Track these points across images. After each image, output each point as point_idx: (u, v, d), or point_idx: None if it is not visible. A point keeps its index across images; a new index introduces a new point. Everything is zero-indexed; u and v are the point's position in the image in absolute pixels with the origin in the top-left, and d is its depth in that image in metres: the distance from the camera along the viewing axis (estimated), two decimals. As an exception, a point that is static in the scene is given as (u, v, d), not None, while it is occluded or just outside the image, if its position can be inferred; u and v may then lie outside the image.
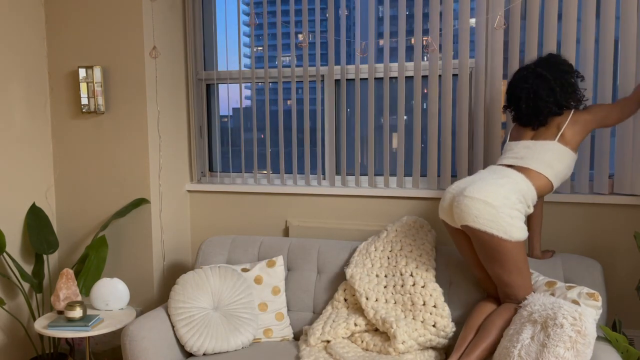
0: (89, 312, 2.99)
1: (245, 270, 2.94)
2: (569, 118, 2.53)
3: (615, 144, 2.92)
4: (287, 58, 3.36)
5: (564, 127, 2.52)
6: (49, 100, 3.48)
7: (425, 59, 3.12)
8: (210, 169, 3.65)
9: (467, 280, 2.78)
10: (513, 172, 2.48)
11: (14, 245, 3.29)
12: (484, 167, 3.07)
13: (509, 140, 2.67)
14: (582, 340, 2.06)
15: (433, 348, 2.66)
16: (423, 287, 2.73)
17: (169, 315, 2.79)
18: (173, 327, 2.75)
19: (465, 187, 2.43)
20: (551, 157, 2.50)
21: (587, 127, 2.55)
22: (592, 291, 2.42)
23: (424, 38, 3.06)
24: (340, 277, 2.94)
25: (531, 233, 2.76)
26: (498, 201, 2.34)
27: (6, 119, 3.23)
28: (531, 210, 2.47)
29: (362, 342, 2.71)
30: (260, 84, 3.46)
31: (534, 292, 2.49)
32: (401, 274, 2.77)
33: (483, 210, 2.34)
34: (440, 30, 3.04)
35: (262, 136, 3.46)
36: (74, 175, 3.47)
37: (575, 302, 2.35)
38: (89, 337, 2.93)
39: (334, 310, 2.86)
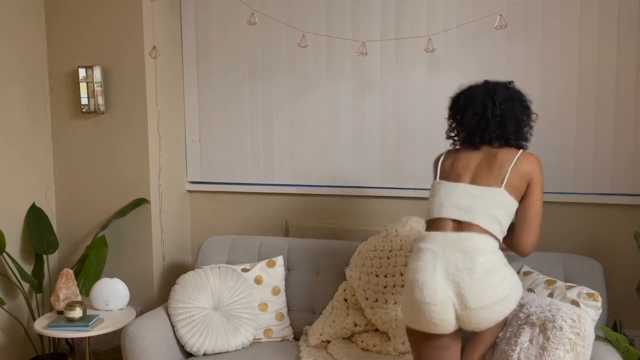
0: (89, 312, 2.99)
1: (245, 270, 2.94)
2: (516, 158, 2.18)
3: (616, 144, 2.92)
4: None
5: (509, 169, 2.15)
6: (49, 100, 3.47)
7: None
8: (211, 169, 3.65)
9: (467, 280, 2.77)
10: (481, 241, 2.09)
11: (14, 245, 3.29)
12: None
13: (440, 178, 2.28)
14: (581, 342, 2.05)
15: (433, 348, 2.66)
16: (423, 287, 2.72)
17: (169, 315, 2.79)
18: (173, 327, 2.75)
19: (460, 294, 2.02)
20: (502, 210, 2.15)
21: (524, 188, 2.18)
22: (592, 291, 2.42)
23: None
24: (340, 277, 2.93)
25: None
26: (504, 291, 2.06)
27: (6, 119, 3.23)
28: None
29: (362, 342, 2.71)
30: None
31: (533, 292, 2.48)
32: (401, 274, 2.77)
33: (501, 307, 2.07)
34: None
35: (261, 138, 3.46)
36: (74, 175, 3.47)
37: (575, 302, 2.35)
38: (88, 337, 2.93)
39: (334, 310, 2.86)
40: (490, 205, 2.12)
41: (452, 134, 2.40)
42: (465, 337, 2.20)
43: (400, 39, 3.14)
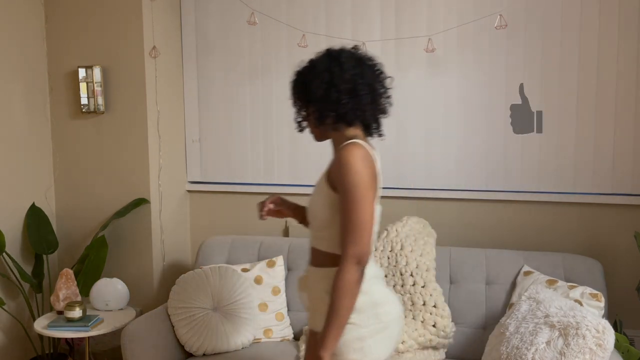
0: (89, 312, 2.99)
1: (245, 270, 2.94)
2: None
3: (616, 144, 2.92)
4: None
5: None
6: (49, 100, 3.47)
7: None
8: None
9: (467, 280, 2.77)
10: None
11: (13, 245, 3.29)
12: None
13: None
14: (601, 353, 2.00)
15: (433, 348, 2.66)
16: (423, 287, 2.73)
17: (168, 316, 2.79)
18: (173, 327, 2.74)
19: None
20: None
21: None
22: (595, 292, 2.42)
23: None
24: (340, 277, 2.93)
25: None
26: None
27: (6, 119, 3.22)
28: None
29: (362, 342, 2.70)
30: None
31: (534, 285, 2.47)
32: (401, 274, 2.77)
33: None
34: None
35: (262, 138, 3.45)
36: (74, 175, 3.47)
37: (578, 301, 2.35)
38: (88, 337, 2.93)
39: (334, 310, 2.85)
40: None
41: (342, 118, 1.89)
42: None
43: (400, 39, 3.14)
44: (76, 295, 3.04)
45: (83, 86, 3.31)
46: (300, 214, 2.08)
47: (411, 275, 2.75)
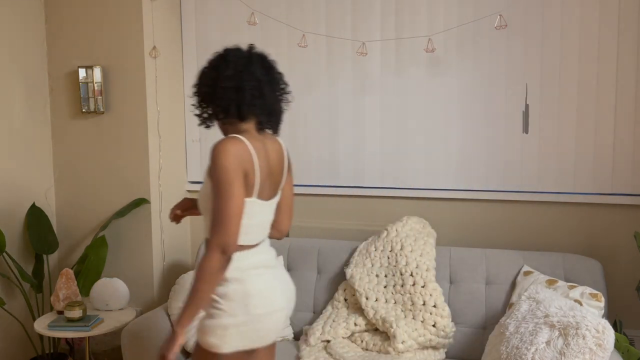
0: (89, 312, 2.99)
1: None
2: (285, 148, 2.05)
3: (616, 144, 2.92)
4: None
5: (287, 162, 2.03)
6: (49, 100, 3.47)
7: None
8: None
9: (467, 280, 2.78)
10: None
11: (14, 245, 3.29)
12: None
13: (258, 196, 1.88)
14: (601, 354, 2.00)
15: (433, 348, 2.66)
16: (423, 287, 2.73)
17: (168, 315, 2.79)
18: (173, 327, 2.74)
19: (291, 302, 2.02)
20: None
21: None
22: (595, 292, 2.42)
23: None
24: (340, 277, 2.93)
25: None
26: None
27: (6, 119, 3.22)
28: None
29: (362, 341, 2.71)
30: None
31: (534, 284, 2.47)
32: (401, 274, 2.77)
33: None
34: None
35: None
36: (74, 175, 3.47)
37: (578, 301, 2.35)
38: (88, 337, 2.93)
39: (334, 310, 2.86)
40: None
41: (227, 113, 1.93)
42: None
43: (400, 39, 3.14)
44: (76, 295, 3.05)
45: (83, 86, 3.31)
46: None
47: (411, 275, 2.75)
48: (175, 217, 2.14)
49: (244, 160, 1.81)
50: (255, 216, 1.89)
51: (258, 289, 1.88)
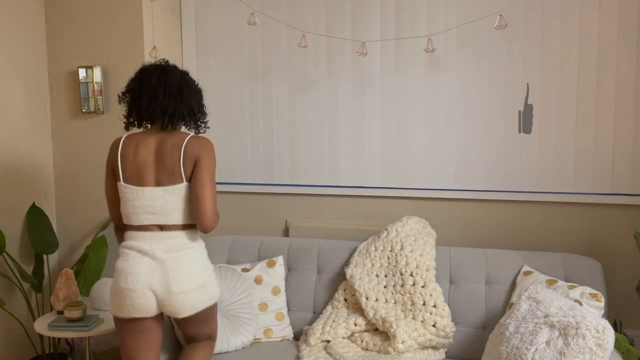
0: (89, 312, 2.99)
1: (245, 270, 2.94)
2: (185, 141, 2.25)
3: (616, 144, 2.92)
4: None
5: (181, 154, 2.23)
6: (49, 100, 3.47)
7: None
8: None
9: (467, 280, 2.78)
10: (181, 237, 2.27)
11: (14, 245, 3.29)
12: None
13: (125, 182, 2.26)
14: (601, 353, 1.99)
15: (433, 348, 2.66)
16: (423, 287, 2.73)
17: (168, 315, 2.78)
18: (173, 327, 2.74)
19: (165, 281, 2.22)
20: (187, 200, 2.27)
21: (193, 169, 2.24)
22: (595, 292, 2.42)
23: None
24: (340, 277, 2.93)
25: None
26: (203, 279, 2.28)
27: (6, 119, 3.23)
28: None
29: (362, 341, 2.71)
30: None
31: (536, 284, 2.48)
32: (401, 274, 2.77)
33: (198, 295, 2.27)
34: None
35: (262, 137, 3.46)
36: (74, 175, 3.47)
37: (578, 301, 2.35)
38: (88, 337, 2.93)
39: (334, 310, 2.86)
40: (181, 201, 2.26)
41: (131, 119, 2.36)
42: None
43: (400, 39, 3.14)
44: (76, 295, 3.05)
45: (83, 86, 3.31)
46: None
47: (411, 275, 2.75)
48: None
49: (111, 153, 2.33)
50: (127, 200, 2.27)
51: (117, 269, 2.27)
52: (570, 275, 2.66)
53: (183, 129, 2.39)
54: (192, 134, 2.31)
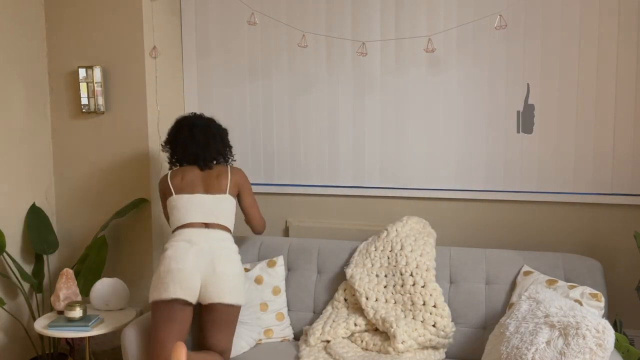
0: (89, 312, 2.99)
1: (245, 270, 2.94)
2: (230, 172, 2.81)
3: (615, 144, 2.92)
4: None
5: (228, 180, 2.78)
6: (49, 100, 3.47)
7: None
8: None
9: (467, 280, 2.78)
10: (224, 235, 2.70)
11: (14, 245, 3.29)
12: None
13: (177, 193, 2.75)
14: (601, 353, 1.99)
15: (433, 348, 2.66)
16: (423, 287, 2.73)
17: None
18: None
19: (211, 263, 2.55)
20: (231, 210, 2.78)
21: (238, 191, 2.84)
22: (595, 292, 2.42)
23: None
24: (340, 277, 2.93)
25: None
26: (240, 271, 2.63)
27: (6, 119, 3.23)
28: None
29: (362, 341, 2.71)
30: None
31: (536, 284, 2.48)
32: (401, 274, 2.77)
33: (237, 283, 2.58)
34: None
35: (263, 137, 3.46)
36: (74, 175, 3.47)
37: (578, 301, 2.35)
38: (89, 337, 2.93)
39: (334, 310, 2.86)
40: (225, 207, 2.74)
41: (174, 158, 2.90)
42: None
43: (400, 39, 3.14)
44: (76, 295, 3.05)
45: (83, 86, 3.31)
46: None
47: (411, 275, 2.75)
48: None
49: (162, 184, 2.85)
50: (179, 207, 2.71)
51: (166, 253, 2.58)
52: (570, 275, 2.66)
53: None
54: (229, 165, 2.86)
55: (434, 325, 2.65)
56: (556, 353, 2.02)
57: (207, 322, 2.57)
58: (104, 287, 3.04)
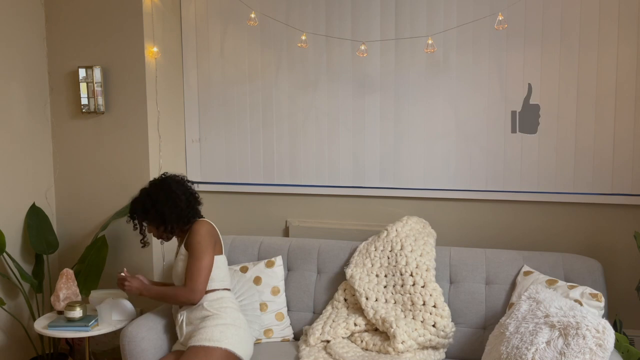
0: (89, 312, 2.99)
1: (244, 270, 2.94)
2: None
3: (615, 144, 2.92)
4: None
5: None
6: (49, 100, 3.47)
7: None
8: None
9: (467, 280, 2.78)
10: None
11: (14, 245, 3.29)
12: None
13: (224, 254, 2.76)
14: (601, 354, 1.99)
15: (433, 348, 2.66)
16: (423, 287, 2.73)
17: (169, 315, 2.78)
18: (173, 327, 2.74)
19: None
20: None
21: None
22: (595, 292, 2.42)
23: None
24: (340, 277, 2.93)
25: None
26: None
27: (6, 119, 3.23)
28: None
29: (362, 341, 2.71)
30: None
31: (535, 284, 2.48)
32: (401, 274, 2.77)
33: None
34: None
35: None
36: (74, 175, 3.47)
37: (578, 301, 2.35)
38: (88, 337, 2.93)
39: (334, 310, 2.86)
40: None
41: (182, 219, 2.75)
42: None
43: (400, 39, 3.14)
44: (76, 295, 3.05)
45: (83, 86, 3.31)
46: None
47: (411, 275, 2.75)
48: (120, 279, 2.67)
49: (214, 234, 2.72)
50: (225, 268, 2.73)
51: (243, 318, 2.66)
52: (570, 275, 2.66)
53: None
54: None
55: (433, 325, 2.65)
56: (556, 353, 2.02)
57: None
58: (109, 307, 2.92)
